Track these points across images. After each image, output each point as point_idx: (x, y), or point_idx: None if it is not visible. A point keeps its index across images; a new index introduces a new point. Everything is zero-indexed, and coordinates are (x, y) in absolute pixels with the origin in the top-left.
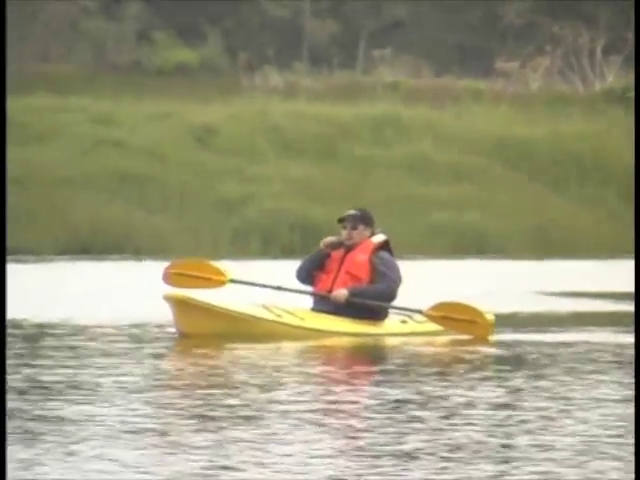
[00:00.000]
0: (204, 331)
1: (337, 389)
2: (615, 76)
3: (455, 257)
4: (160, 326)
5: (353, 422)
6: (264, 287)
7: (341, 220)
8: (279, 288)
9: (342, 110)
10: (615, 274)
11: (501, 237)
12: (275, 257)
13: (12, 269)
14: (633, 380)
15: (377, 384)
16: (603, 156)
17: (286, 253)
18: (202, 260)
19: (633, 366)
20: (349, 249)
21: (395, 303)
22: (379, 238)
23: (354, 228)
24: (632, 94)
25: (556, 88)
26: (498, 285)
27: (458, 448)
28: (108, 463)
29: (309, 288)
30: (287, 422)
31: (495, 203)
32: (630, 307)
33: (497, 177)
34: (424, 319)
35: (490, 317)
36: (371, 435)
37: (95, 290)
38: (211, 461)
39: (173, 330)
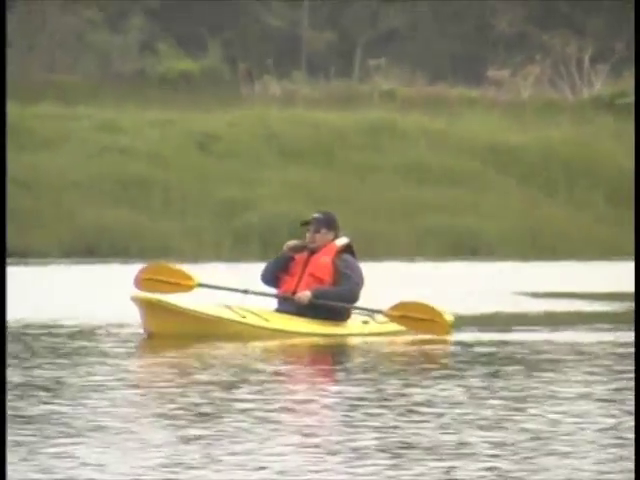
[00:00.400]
0: (171, 331)
1: (296, 388)
2: (602, 84)
3: (449, 259)
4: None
5: (309, 420)
6: (231, 290)
7: (305, 223)
8: (246, 291)
9: (339, 117)
10: (600, 276)
11: (493, 239)
12: (261, 257)
13: (18, 271)
14: (590, 378)
15: (336, 383)
16: (591, 161)
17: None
18: (171, 265)
19: (592, 363)
20: (313, 252)
21: (359, 304)
22: (342, 241)
23: (317, 231)
24: (619, 101)
25: (546, 96)
26: (484, 286)
27: (411, 446)
28: (69, 461)
29: (274, 290)
30: (245, 420)
31: (487, 206)
32: (607, 307)
33: (489, 181)
34: (385, 320)
35: (449, 317)
36: (326, 432)
37: (91, 291)
38: (168, 458)
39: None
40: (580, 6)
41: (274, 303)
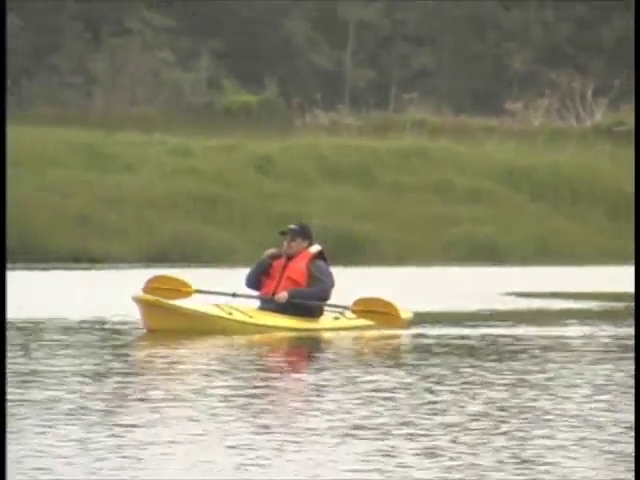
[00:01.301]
0: (167, 327)
1: (269, 375)
2: (602, 115)
3: (470, 264)
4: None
5: (274, 403)
6: (222, 295)
7: (283, 233)
8: (234, 294)
9: (377, 143)
10: (598, 278)
11: (508, 247)
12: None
13: (104, 274)
14: (519, 367)
15: (305, 371)
16: (593, 181)
17: (331, 262)
18: (172, 275)
19: (522, 355)
20: (290, 258)
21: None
22: (315, 248)
23: (293, 240)
24: (617, 129)
25: (554, 125)
26: (490, 287)
27: (361, 427)
28: (52, 438)
29: (256, 293)
30: (216, 404)
31: (503, 219)
32: (596, 305)
33: (505, 198)
34: (354, 316)
35: (407, 313)
36: (285, 414)
37: None
38: (141, 438)
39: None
40: (583, 48)
41: (257, 303)
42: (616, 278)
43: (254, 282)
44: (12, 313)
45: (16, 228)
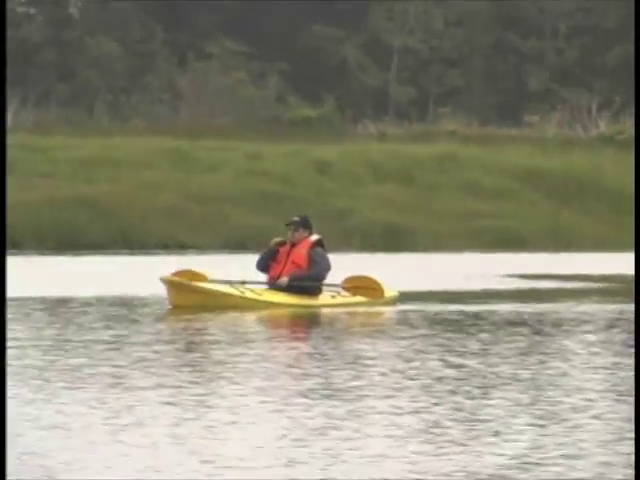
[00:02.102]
0: (189, 304)
1: (271, 345)
2: (605, 125)
3: (494, 251)
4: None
5: (271, 368)
6: (233, 283)
7: (288, 224)
8: (244, 282)
9: (416, 149)
10: (600, 263)
11: (526, 237)
12: (371, 251)
13: (183, 260)
14: (489, 338)
15: (301, 340)
16: (598, 181)
17: (379, 248)
18: (192, 270)
19: (492, 328)
20: (293, 245)
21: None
22: (314, 237)
23: (296, 230)
24: (618, 137)
25: (565, 134)
26: (497, 270)
27: (339, 389)
28: (65, 402)
29: (263, 276)
30: (227, 370)
31: (522, 214)
32: (591, 285)
33: (524, 196)
34: (348, 294)
35: (393, 292)
36: (282, 376)
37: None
38: (152, 399)
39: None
40: (589, 70)
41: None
42: (615, 263)
43: (264, 266)
44: (104, 291)
45: (116, 220)
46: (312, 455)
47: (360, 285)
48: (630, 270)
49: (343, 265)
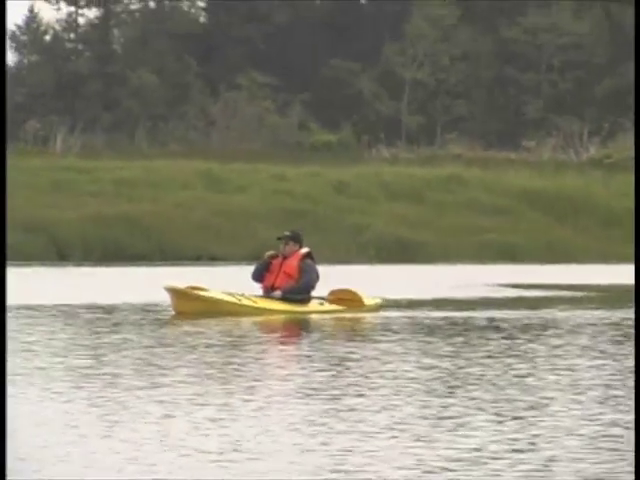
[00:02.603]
0: (190, 310)
1: (265, 347)
2: (595, 150)
3: (495, 262)
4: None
5: (262, 369)
6: (233, 295)
7: (280, 238)
8: (242, 295)
9: (426, 171)
10: (592, 274)
11: (524, 250)
12: (384, 262)
13: (217, 270)
14: (461, 341)
15: (291, 344)
16: (588, 200)
17: (391, 260)
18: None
19: (465, 332)
20: (285, 257)
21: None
22: (304, 250)
23: (287, 244)
24: (606, 161)
25: (559, 157)
26: (487, 280)
27: (318, 389)
28: (58, 399)
29: (259, 286)
30: (212, 371)
31: (521, 229)
32: (574, 294)
33: (522, 213)
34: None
35: (375, 300)
36: (269, 376)
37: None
38: (145, 398)
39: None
40: (581, 101)
41: (261, 292)
42: (602, 273)
43: (258, 276)
44: (139, 299)
45: (155, 235)
46: (281, 449)
47: (342, 297)
48: (614, 279)
49: (359, 275)
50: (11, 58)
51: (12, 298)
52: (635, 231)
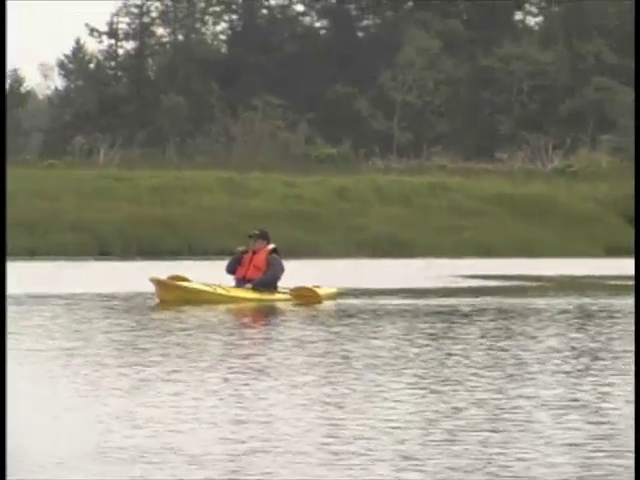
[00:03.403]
0: (172, 299)
1: (235, 330)
2: (558, 161)
3: (474, 257)
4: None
5: (224, 350)
6: (209, 285)
7: (250, 236)
8: (218, 285)
9: (414, 180)
10: (554, 266)
11: (498, 246)
12: (378, 257)
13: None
14: (405, 324)
15: (258, 326)
16: (553, 203)
17: (384, 255)
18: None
19: (411, 316)
20: (255, 252)
21: (284, 283)
22: (271, 246)
23: (256, 241)
24: (568, 170)
25: (528, 167)
26: (459, 272)
27: (272, 366)
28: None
29: (232, 277)
30: (190, 352)
31: (495, 229)
32: (521, 283)
33: (496, 215)
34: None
35: (330, 291)
36: (232, 357)
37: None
38: (125, 375)
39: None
40: (546, 119)
41: (233, 282)
42: (564, 266)
43: (232, 269)
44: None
45: (183, 234)
46: (218, 418)
47: (301, 293)
48: (572, 271)
49: (357, 269)
50: (60, 83)
51: (42, 288)
52: (635, 231)
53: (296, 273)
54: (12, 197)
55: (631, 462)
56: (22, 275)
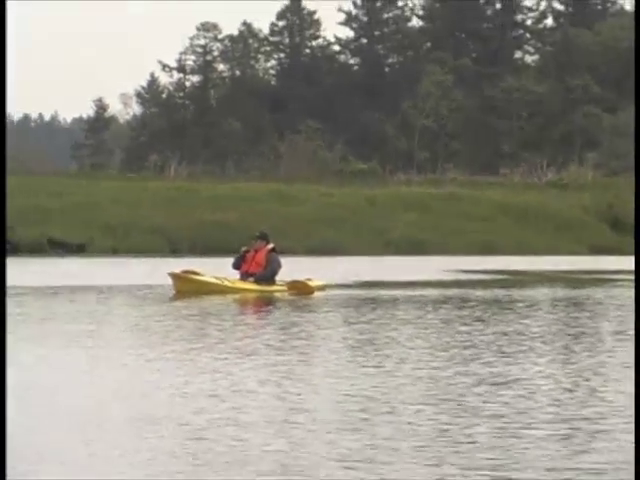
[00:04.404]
0: (187, 290)
1: (239, 317)
2: (552, 175)
3: (479, 255)
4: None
5: (222, 334)
6: (218, 278)
7: (252, 237)
8: (225, 278)
9: (431, 191)
10: (544, 263)
11: (501, 246)
12: (401, 255)
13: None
14: (380, 312)
15: (259, 312)
16: (546, 211)
17: (406, 254)
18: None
19: (389, 305)
20: (257, 251)
21: (281, 278)
22: (270, 246)
23: (257, 241)
24: (559, 183)
25: (526, 181)
26: (454, 267)
27: (262, 349)
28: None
29: (237, 272)
30: (200, 332)
31: (498, 231)
32: (505, 277)
33: (499, 220)
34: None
35: (319, 284)
36: (227, 339)
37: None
38: (129, 354)
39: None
40: (541, 140)
41: (238, 276)
42: (553, 263)
43: (237, 265)
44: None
45: (239, 235)
46: (190, 391)
47: (296, 286)
48: (563, 267)
49: (383, 265)
50: (137, 110)
51: (103, 280)
52: (635, 230)
53: (331, 268)
54: (98, 205)
55: (541, 433)
56: (104, 270)
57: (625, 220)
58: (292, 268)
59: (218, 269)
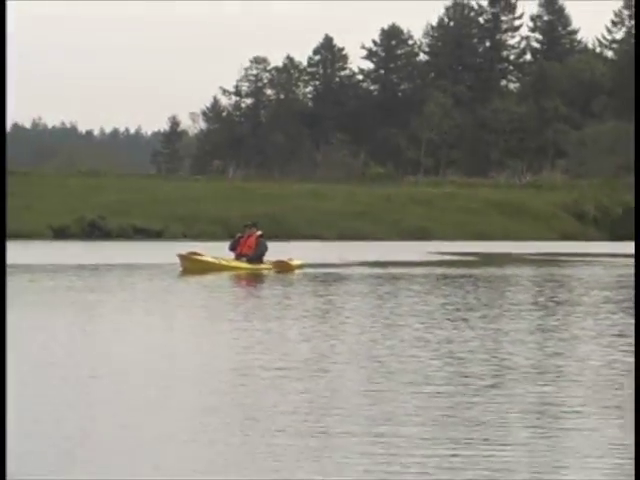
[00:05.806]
0: (192, 268)
1: (232, 290)
2: (530, 178)
3: (471, 241)
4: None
5: (215, 306)
6: (217, 258)
7: (245, 225)
8: (222, 258)
9: (435, 190)
10: (522, 247)
11: (489, 234)
12: (411, 240)
13: (311, 246)
14: (362, 289)
15: (248, 287)
16: (527, 206)
17: (415, 239)
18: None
19: (371, 282)
20: (248, 237)
21: (267, 258)
22: (259, 232)
23: (249, 228)
24: (536, 183)
25: (510, 182)
26: (443, 250)
27: (241, 318)
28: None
29: (232, 254)
30: (187, 306)
31: (488, 223)
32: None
33: (490, 214)
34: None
35: (298, 262)
36: (218, 311)
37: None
38: (113, 321)
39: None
40: (521, 150)
41: (233, 256)
42: (529, 248)
43: (233, 247)
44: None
45: (282, 224)
46: (165, 351)
47: (279, 265)
48: (537, 250)
49: (392, 249)
50: (203, 125)
51: (144, 258)
52: (635, 230)
53: (351, 251)
54: (171, 201)
55: (430, 388)
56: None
57: (587, 213)
58: (324, 251)
59: (272, 254)
